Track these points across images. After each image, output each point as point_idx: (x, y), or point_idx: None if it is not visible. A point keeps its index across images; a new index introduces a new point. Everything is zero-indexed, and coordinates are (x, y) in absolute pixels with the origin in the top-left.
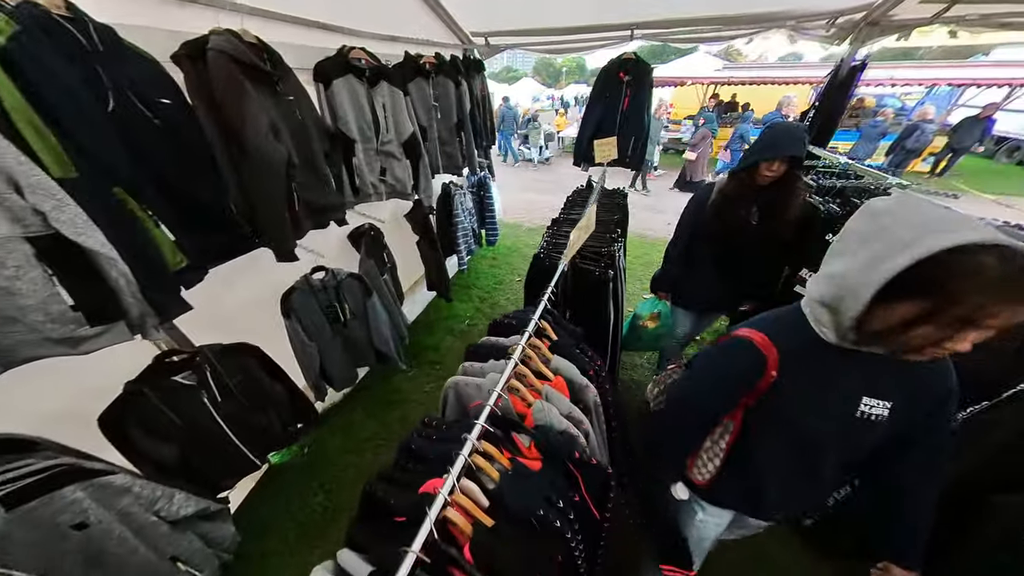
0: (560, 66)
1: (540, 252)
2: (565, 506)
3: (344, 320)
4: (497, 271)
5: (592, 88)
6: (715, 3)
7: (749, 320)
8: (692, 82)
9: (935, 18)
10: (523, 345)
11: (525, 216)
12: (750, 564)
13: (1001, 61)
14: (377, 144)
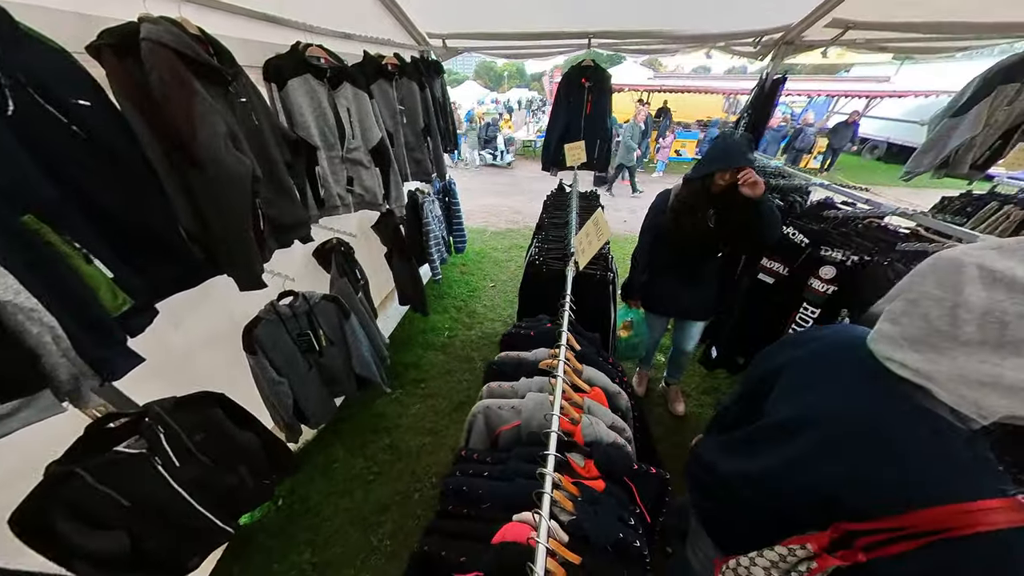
0: (501, 70)
1: (535, 259)
2: (636, 521)
3: (320, 349)
4: (469, 278)
5: (556, 94)
6: (663, 21)
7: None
8: (629, 88)
9: (834, 40)
10: (563, 360)
11: (489, 220)
12: None
13: (861, 76)
14: (342, 151)
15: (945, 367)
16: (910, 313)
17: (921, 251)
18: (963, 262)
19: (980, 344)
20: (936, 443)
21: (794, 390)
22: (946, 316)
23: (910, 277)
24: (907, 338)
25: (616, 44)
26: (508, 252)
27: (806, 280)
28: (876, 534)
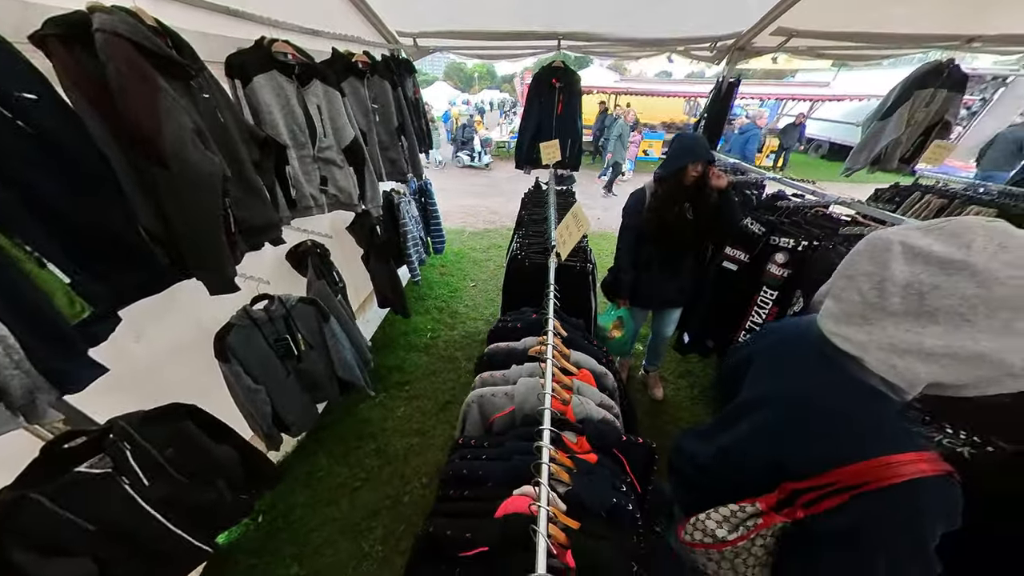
0: (471, 71)
1: (517, 253)
2: (628, 489)
3: (299, 354)
4: (450, 279)
5: (528, 94)
6: (628, 25)
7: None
8: (597, 91)
9: (779, 47)
10: (551, 344)
11: (467, 221)
12: None
13: (805, 81)
14: (314, 151)
15: (876, 336)
16: (848, 288)
17: (859, 234)
18: (891, 240)
19: (904, 314)
20: (865, 408)
21: (758, 374)
22: (875, 289)
23: (849, 256)
24: (846, 313)
25: (584, 46)
26: (487, 252)
27: (764, 266)
28: (812, 491)
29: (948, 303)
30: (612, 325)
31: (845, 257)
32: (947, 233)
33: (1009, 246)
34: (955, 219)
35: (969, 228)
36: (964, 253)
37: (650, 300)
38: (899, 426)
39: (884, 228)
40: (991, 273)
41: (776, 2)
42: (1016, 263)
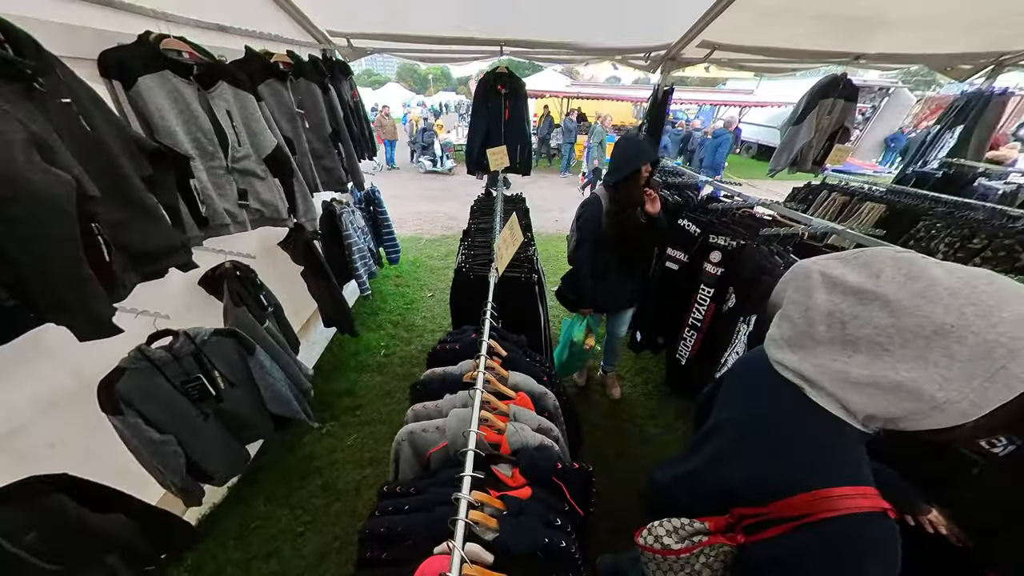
0: (425, 73)
1: (462, 266)
2: (563, 521)
3: (218, 393)
4: (405, 290)
5: (473, 100)
6: (567, 33)
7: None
8: (550, 95)
9: (705, 59)
10: (482, 371)
11: (423, 228)
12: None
13: (734, 89)
14: (227, 161)
15: (812, 363)
16: (783, 316)
17: (776, 235)
18: (811, 269)
19: (830, 342)
20: (815, 437)
21: (723, 401)
22: (803, 318)
23: (779, 284)
24: (785, 338)
25: (527, 52)
26: (445, 260)
27: (701, 265)
28: (755, 517)
29: (867, 332)
30: (585, 336)
31: (778, 287)
32: (860, 263)
33: (916, 276)
34: (869, 249)
35: (878, 258)
36: (874, 283)
37: (609, 305)
38: (846, 458)
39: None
40: (900, 303)
41: (698, 18)
42: (923, 293)
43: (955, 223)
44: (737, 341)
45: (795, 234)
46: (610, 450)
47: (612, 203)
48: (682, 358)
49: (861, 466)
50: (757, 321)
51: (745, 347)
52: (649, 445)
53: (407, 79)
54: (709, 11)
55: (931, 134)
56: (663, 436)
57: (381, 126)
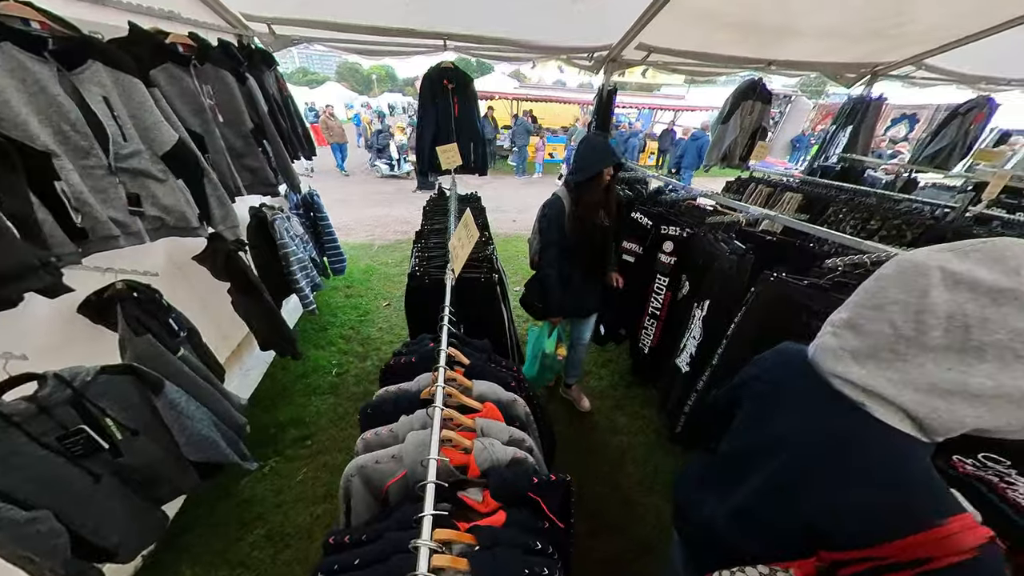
0: (368, 72)
1: (415, 271)
2: (543, 544)
3: (114, 445)
4: (358, 300)
5: (420, 96)
6: (512, 29)
7: (924, 494)
8: (499, 96)
9: (643, 60)
10: (441, 385)
11: (375, 233)
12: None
13: (668, 94)
14: (108, 159)
15: (913, 375)
16: (876, 320)
17: (719, 223)
18: (927, 264)
19: (946, 349)
20: (902, 464)
21: (756, 416)
22: (912, 321)
23: (872, 283)
24: (872, 347)
25: (471, 48)
26: (400, 266)
27: (655, 255)
28: (859, 563)
29: (998, 338)
30: (556, 345)
31: (864, 284)
32: (989, 257)
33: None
34: (991, 240)
35: (1011, 251)
36: (1015, 281)
37: (577, 311)
38: (940, 483)
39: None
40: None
41: (635, 20)
42: None
43: (856, 208)
44: (693, 326)
45: (736, 221)
46: (582, 445)
47: (574, 205)
48: (644, 347)
49: (947, 487)
50: (710, 305)
51: (701, 330)
52: (620, 434)
53: (348, 78)
54: (645, 13)
55: (829, 134)
56: (633, 424)
57: (327, 128)
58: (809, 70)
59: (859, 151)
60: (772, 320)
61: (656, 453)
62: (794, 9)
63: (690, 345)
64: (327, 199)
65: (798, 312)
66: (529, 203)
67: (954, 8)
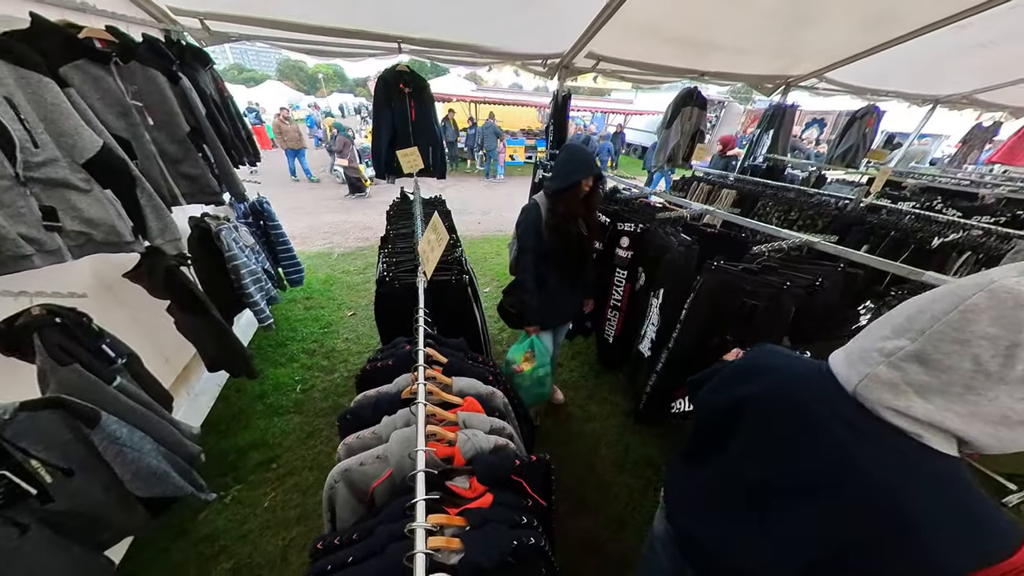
0: (313, 71)
1: (385, 275)
2: (528, 518)
3: (43, 490)
4: (320, 312)
5: (374, 99)
6: (469, 35)
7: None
8: (456, 99)
9: (593, 68)
10: (423, 382)
11: (333, 241)
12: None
13: (618, 99)
14: (15, 169)
15: (985, 408)
16: (959, 354)
17: (668, 218)
18: (1020, 294)
19: (1021, 382)
20: (950, 498)
21: (773, 442)
22: (1000, 356)
23: (959, 317)
24: (945, 383)
25: (427, 52)
26: (364, 273)
27: (614, 250)
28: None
29: None
30: (523, 357)
31: (948, 319)
32: None
33: None
34: None
35: None
36: None
37: (553, 317)
38: (990, 510)
39: (997, 277)
40: None
41: (584, 30)
42: None
43: (779, 201)
44: (651, 314)
45: (681, 216)
46: (559, 434)
47: (550, 215)
48: (609, 337)
49: (998, 508)
50: (664, 293)
51: (658, 317)
52: (592, 421)
53: (292, 77)
54: (592, 24)
55: (755, 136)
56: (603, 410)
57: (280, 132)
58: (736, 80)
59: (780, 151)
60: (717, 302)
61: (626, 435)
62: (720, 28)
63: (650, 331)
64: (279, 207)
65: (737, 294)
66: (492, 205)
67: (839, 33)
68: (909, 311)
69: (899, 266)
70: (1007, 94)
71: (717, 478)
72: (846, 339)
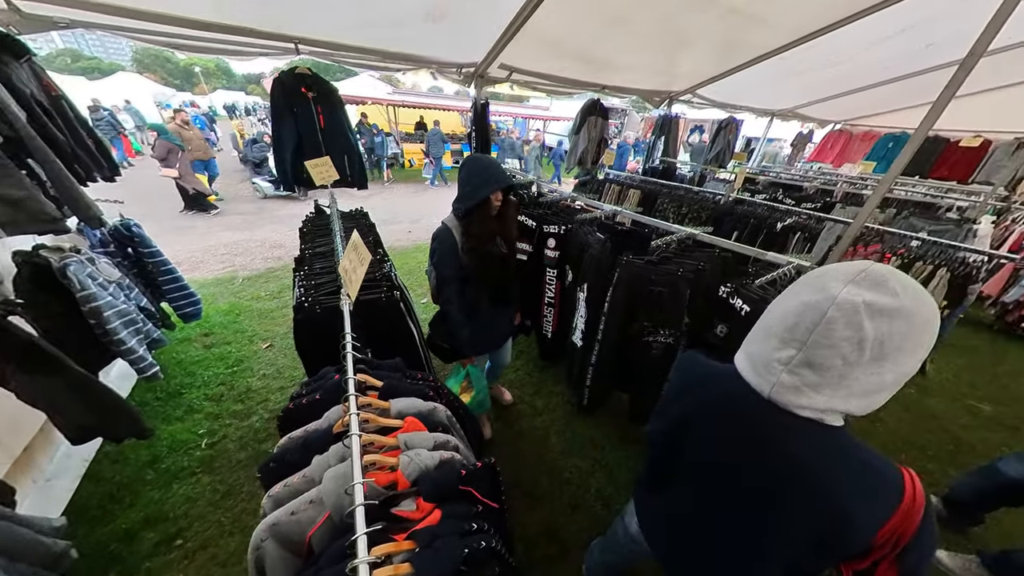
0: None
1: (302, 301)
2: (479, 524)
3: None
4: (225, 348)
5: (272, 103)
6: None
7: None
8: (372, 102)
9: (507, 79)
10: (355, 412)
11: (235, 263)
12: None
13: (536, 105)
14: None
15: (854, 387)
16: (831, 356)
17: (586, 219)
18: (856, 303)
19: (870, 361)
20: (856, 464)
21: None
22: (856, 351)
23: (823, 328)
24: (827, 379)
25: (331, 55)
26: (280, 297)
27: (542, 251)
28: (867, 558)
29: (896, 344)
30: (459, 389)
31: (816, 330)
32: (874, 283)
33: (907, 284)
34: (869, 268)
35: (881, 275)
36: (897, 301)
37: (489, 343)
38: (879, 460)
39: (836, 292)
40: (913, 311)
41: (494, 42)
42: (918, 297)
43: (673, 199)
44: (580, 306)
45: (597, 216)
46: (511, 432)
47: (465, 238)
48: (547, 333)
49: (876, 452)
50: (588, 287)
51: (585, 310)
52: (540, 415)
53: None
54: (501, 37)
55: (651, 142)
56: (550, 402)
57: (183, 141)
58: (631, 94)
59: (671, 155)
60: (631, 292)
61: (572, 422)
62: (612, 48)
63: (580, 323)
64: (163, 227)
65: (645, 283)
66: (422, 212)
67: (702, 58)
68: (786, 322)
69: (749, 248)
70: (815, 109)
71: (681, 497)
72: (719, 315)
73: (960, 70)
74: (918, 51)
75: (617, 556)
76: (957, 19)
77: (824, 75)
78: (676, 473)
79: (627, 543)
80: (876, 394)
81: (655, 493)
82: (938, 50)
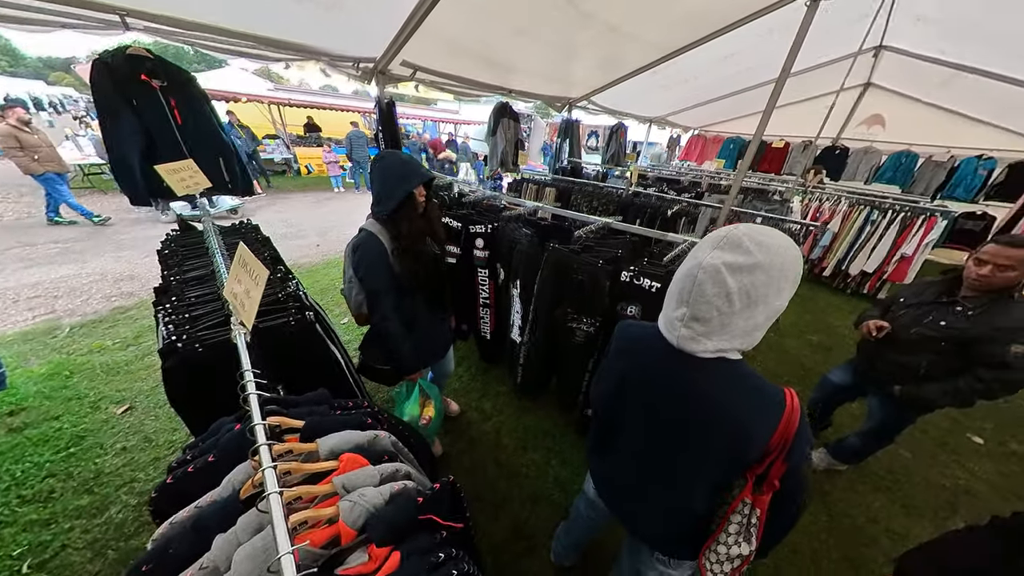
0: None
1: (174, 341)
2: (445, 551)
3: None
4: (48, 427)
5: (97, 95)
6: (243, 20)
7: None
8: (248, 99)
9: (411, 77)
10: (270, 467)
11: (56, 308)
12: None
13: (444, 108)
14: None
15: (736, 330)
16: (707, 309)
17: (512, 216)
18: (716, 266)
19: (743, 309)
20: (744, 380)
21: (660, 403)
22: (725, 303)
23: (697, 288)
24: (710, 328)
25: (179, 35)
26: (135, 344)
27: (471, 252)
28: (768, 466)
29: (761, 292)
30: (422, 407)
31: (693, 290)
32: (731, 245)
33: (759, 240)
34: (728, 233)
35: (734, 237)
36: (752, 258)
37: (433, 354)
38: (766, 383)
39: (701, 257)
40: (768, 263)
41: (393, 36)
42: (771, 250)
43: (584, 194)
44: (514, 303)
45: (521, 213)
46: (462, 443)
47: (395, 241)
48: (487, 334)
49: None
50: (520, 282)
51: (520, 305)
52: (490, 419)
53: None
54: (400, 32)
55: (557, 145)
56: (496, 403)
57: (24, 147)
58: (535, 98)
59: (576, 155)
60: (557, 276)
61: (522, 418)
62: (514, 54)
63: (516, 319)
64: None
65: (568, 268)
66: (330, 223)
67: (590, 69)
68: (677, 287)
69: (655, 232)
70: (680, 117)
71: (626, 447)
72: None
73: (776, 86)
74: (742, 72)
75: (580, 531)
76: (758, 53)
77: (684, 89)
78: (620, 428)
79: (588, 512)
80: (754, 332)
81: (604, 453)
82: (755, 72)
